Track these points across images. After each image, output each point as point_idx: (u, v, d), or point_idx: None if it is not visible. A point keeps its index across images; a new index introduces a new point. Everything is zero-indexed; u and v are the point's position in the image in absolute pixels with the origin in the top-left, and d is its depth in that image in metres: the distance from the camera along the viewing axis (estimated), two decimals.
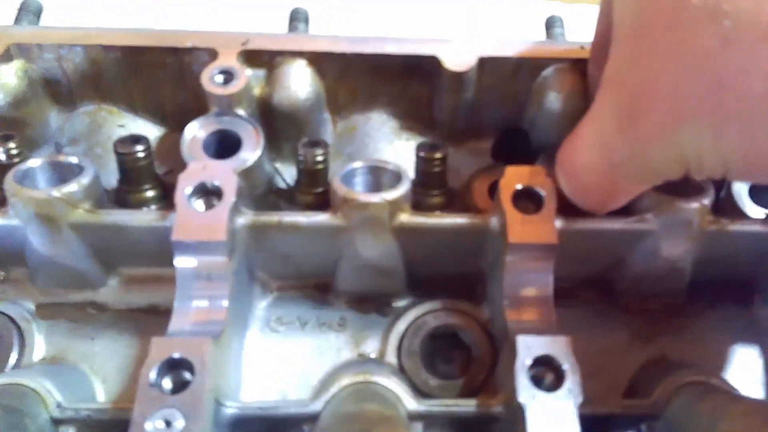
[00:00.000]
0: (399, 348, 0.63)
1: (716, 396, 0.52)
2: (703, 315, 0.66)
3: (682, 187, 0.62)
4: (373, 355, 0.63)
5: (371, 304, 0.65)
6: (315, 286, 0.66)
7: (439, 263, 0.64)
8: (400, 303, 0.66)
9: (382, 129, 0.71)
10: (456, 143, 0.74)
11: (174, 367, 0.51)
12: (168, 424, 0.48)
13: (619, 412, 0.56)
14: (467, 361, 0.63)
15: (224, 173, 0.58)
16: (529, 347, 0.53)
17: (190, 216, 0.56)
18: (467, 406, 0.55)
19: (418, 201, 0.66)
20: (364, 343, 0.63)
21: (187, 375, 0.51)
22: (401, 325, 0.64)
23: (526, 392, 0.51)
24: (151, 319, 0.63)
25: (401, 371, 0.62)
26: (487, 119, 0.73)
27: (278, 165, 0.70)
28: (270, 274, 0.64)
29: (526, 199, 0.60)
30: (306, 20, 0.72)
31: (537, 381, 0.52)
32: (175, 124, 0.70)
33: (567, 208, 0.60)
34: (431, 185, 0.65)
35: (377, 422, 0.41)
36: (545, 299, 0.59)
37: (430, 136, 0.73)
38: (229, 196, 0.57)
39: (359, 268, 0.62)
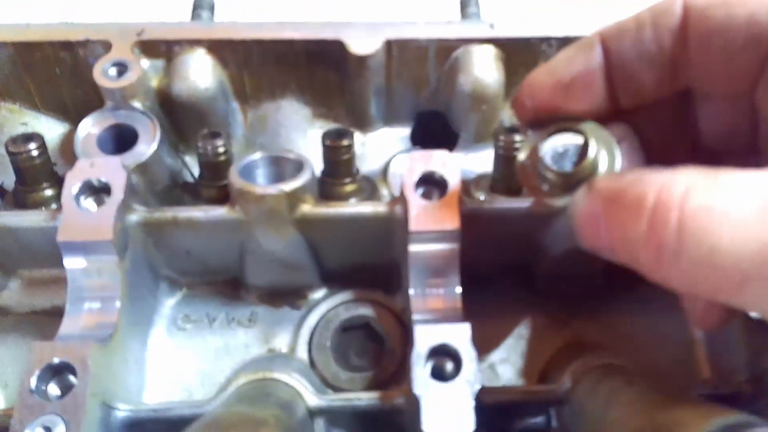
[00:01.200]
0: (310, 342, 0.62)
1: (614, 379, 0.51)
2: (622, 297, 0.65)
3: None
4: (283, 350, 0.62)
5: (284, 297, 0.64)
6: (226, 282, 0.64)
7: (350, 254, 0.63)
8: (315, 295, 0.64)
9: (293, 117, 0.69)
10: (373, 129, 0.72)
11: (58, 372, 0.50)
12: (48, 430, 0.47)
13: (522, 399, 0.55)
14: (380, 353, 0.62)
15: (113, 170, 0.56)
16: (426, 337, 0.51)
17: (77, 216, 0.54)
18: (369, 399, 0.54)
19: (328, 191, 0.65)
20: (275, 338, 0.62)
21: (73, 380, 0.49)
22: (313, 319, 0.63)
23: (421, 383, 0.49)
24: (55, 321, 0.60)
25: (312, 366, 0.61)
26: (402, 104, 0.71)
27: (187, 158, 0.68)
28: (177, 271, 0.62)
29: (431, 185, 0.59)
30: (210, 8, 0.70)
31: (437, 371, 0.51)
32: (78, 120, 0.68)
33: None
34: (341, 174, 0.64)
35: (230, 426, 0.39)
36: (451, 287, 0.57)
37: (345, 123, 0.71)
38: (118, 194, 0.55)
39: (265, 262, 0.60)
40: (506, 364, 0.62)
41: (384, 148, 0.72)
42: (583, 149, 0.45)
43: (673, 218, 0.34)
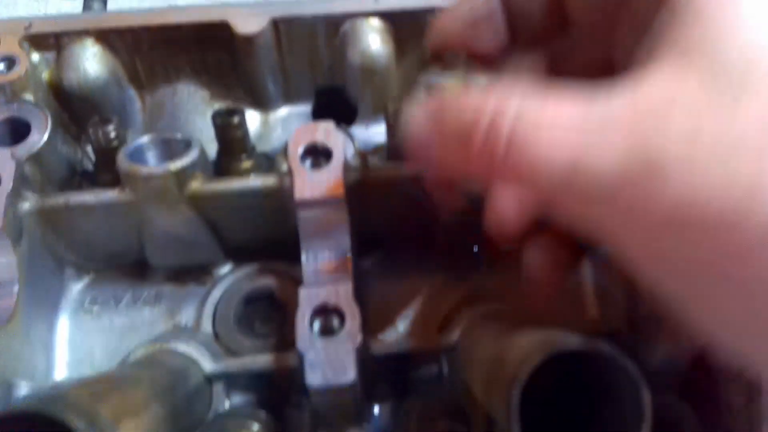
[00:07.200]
0: (214, 315, 0.64)
1: (490, 322, 0.54)
2: (517, 252, 0.68)
3: None
4: (188, 325, 0.64)
5: (189, 275, 0.66)
6: (132, 265, 0.66)
7: (249, 228, 0.65)
8: (220, 271, 0.67)
9: (191, 100, 0.71)
10: (274, 108, 0.75)
11: None
12: None
13: (411, 350, 0.58)
14: (283, 320, 0.64)
15: (1, 160, 0.57)
16: (309, 298, 0.54)
17: None
18: (264, 361, 0.57)
19: (225, 169, 0.67)
20: (180, 314, 0.64)
21: None
22: (217, 293, 0.65)
23: (304, 340, 0.52)
24: None
25: (216, 337, 0.63)
26: (299, 81, 0.73)
27: (90, 148, 0.70)
28: (81, 257, 0.64)
29: (317, 155, 0.61)
30: None
31: (324, 329, 0.54)
32: None
33: None
34: (235, 151, 0.66)
35: (94, 383, 0.41)
36: (341, 250, 0.60)
37: (245, 103, 0.73)
38: (7, 183, 0.56)
39: (164, 242, 0.62)
40: (406, 322, 0.65)
41: (285, 126, 0.74)
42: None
43: (505, 133, 0.36)
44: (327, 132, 0.61)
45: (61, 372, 0.60)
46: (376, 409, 0.61)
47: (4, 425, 0.35)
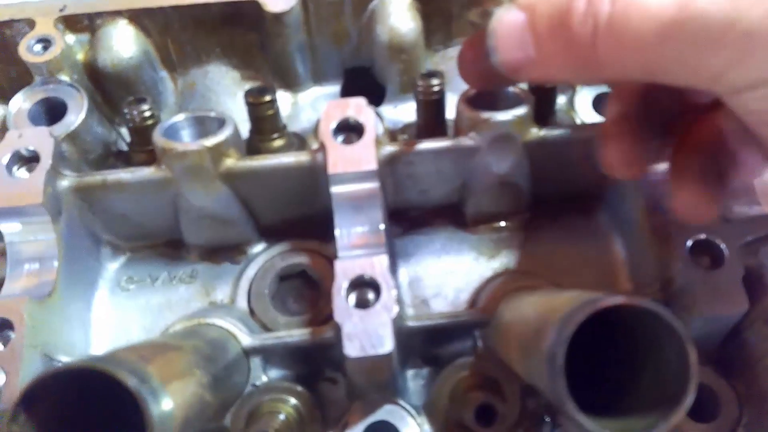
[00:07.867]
0: (249, 292, 0.64)
1: (525, 293, 0.54)
2: (547, 228, 0.68)
3: (499, 101, 0.63)
4: (224, 302, 0.64)
5: (223, 254, 0.67)
6: (167, 244, 0.67)
7: (282, 206, 0.65)
8: (253, 250, 0.67)
9: (222, 82, 0.72)
10: (303, 89, 0.75)
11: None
12: None
13: (445, 323, 0.58)
14: (317, 297, 0.65)
15: (40, 138, 0.58)
16: (345, 270, 0.54)
17: (9, 184, 0.57)
18: (300, 335, 0.57)
19: (257, 147, 0.67)
20: (215, 291, 0.65)
21: (12, 334, 0.52)
22: (251, 270, 0.65)
23: (341, 312, 0.52)
24: None
25: (252, 313, 0.64)
26: (327, 60, 0.73)
27: (123, 131, 0.71)
28: (117, 236, 0.65)
29: (349, 131, 0.61)
30: None
31: (360, 301, 0.54)
32: None
33: None
34: (267, 130, 0.66)
35: (140, 348, 0.42)
36: (374, 224, 0.60)
37: (274, 84, 0.73)
38: (46, 160, 0.57)
39: (198, 219, 0.63)
40: (438, 298, 0.65)
41: (314, 106, 0.74)
42: None
43: None
44: (358, 107, 0.61)
45: (98, 349, 0.61)
46: (411, 382, 0.61)
47: (56, 382, 0.35)
